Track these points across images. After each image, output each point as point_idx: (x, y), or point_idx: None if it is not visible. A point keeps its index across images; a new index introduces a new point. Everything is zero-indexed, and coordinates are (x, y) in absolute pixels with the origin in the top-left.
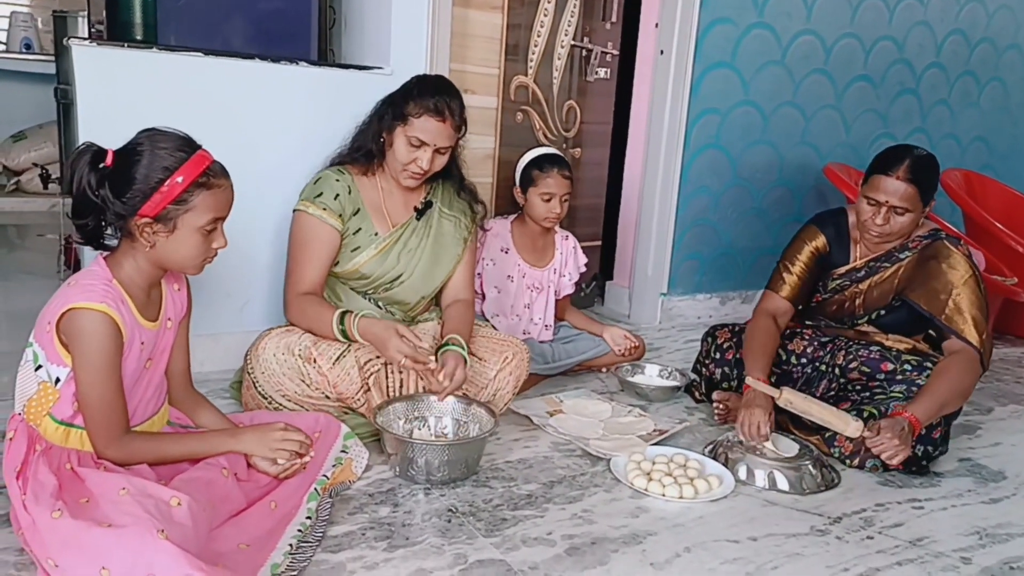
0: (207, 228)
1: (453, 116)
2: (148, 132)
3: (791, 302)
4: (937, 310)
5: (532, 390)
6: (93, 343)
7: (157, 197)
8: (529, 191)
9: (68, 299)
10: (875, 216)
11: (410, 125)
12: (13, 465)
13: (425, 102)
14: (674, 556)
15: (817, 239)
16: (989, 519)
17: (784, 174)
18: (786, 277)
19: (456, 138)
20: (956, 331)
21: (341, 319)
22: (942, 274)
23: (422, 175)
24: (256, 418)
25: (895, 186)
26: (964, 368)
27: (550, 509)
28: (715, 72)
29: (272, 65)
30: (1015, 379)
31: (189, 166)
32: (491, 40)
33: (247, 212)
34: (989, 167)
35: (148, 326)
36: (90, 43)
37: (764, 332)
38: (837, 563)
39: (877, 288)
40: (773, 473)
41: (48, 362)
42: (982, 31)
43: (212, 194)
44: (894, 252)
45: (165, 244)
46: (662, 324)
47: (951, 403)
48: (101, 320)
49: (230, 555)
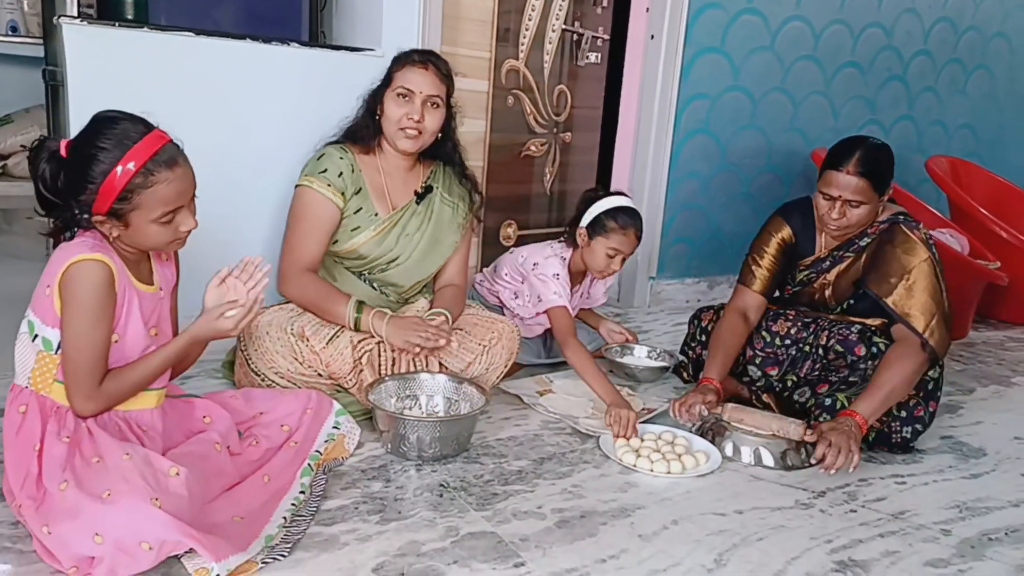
0: (162, 220)
1: (436, 66)
2: (98, 122)
3: (763, 294)
4: (885, 293)
5: (521, 371)
6: (89, 290)
7: (100, 198)
8: (597, 239)
9: (68, 256)
10: (831, 211)
11: (395, 81)
12: (32, 442)
13: (407, 57)
14: (661, 528)
15: (783, 230)
16: (969, 493)
17: (773, 159)
18: (756, 271)
19: (444, 91)
20: (901, 316)
21: (358, 308)
22: (896, 259)
23: (417, 132)
24: (248, 396)
25: (847, 180)
26: (907, 356)
27: (540, 484)
28: (705, 57)
29: (264, 46)
30: (997, 361)
31: (125, 161)
32: (482, 23)
33: (239, 192)
34: (975, 154)
35: (146, 289)
36: (81, 22)
37: (729, 331)
38: (821, 535)
39: (843, 278)
40: (759, 449)
41: (44, 325)
42: (969, 19)
43: (153, 192)
44: (855, 240)
45: (126, 235)
46: (651, 307)
47: (896, 393)
48: (98, 268)
49: (224, 526)
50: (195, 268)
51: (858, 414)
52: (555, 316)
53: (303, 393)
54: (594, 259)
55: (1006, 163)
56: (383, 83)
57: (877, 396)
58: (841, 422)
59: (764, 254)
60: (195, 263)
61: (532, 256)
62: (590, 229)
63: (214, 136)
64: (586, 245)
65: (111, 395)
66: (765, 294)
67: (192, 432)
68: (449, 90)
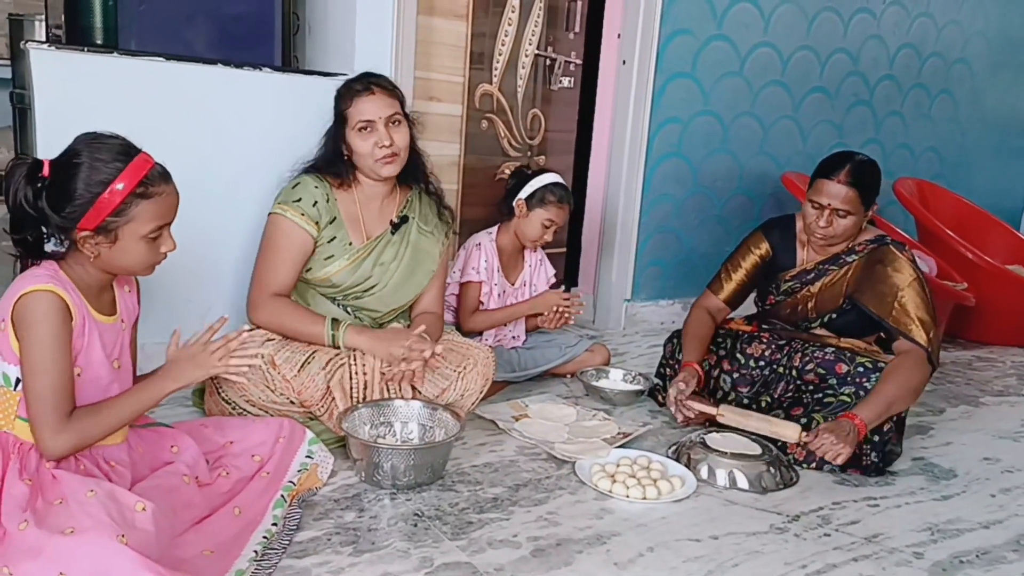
0: (151, 235)
1: (381, 86)
2: (86, 139)
3: (727, 304)
4: (885, 312)
5: (498, 395)
6: (43, 322)
7: (94, 211)
8: (535, 210)
9: (19, 289)
10: (819, 219)
11: (351, 118)
12: None
13: (349, 91)
14: (637, 556)
15: (761, 246)
16: (940, 515)
17: (744, 182)
18: (724, 282)
19: (398, 104)
20: (904, 332)
21: (334, 325)
22: (888, 277)
23: (393, 155)
24: (219, 424)
25: (836, 189)
26: (913, 367)
27: (516, 512)
28: (676, 82)
29: (235, 71)
30: (965, 381)
31: (126, 176)
32: (456, 48)
33: (209, 217)
34: (941, 176)
35: (106, 320)
36: (49, 47)
37: (699, 322)
38: (795, 560)
39: (828, 291)
40: (733, 472)
41: (3, 361)
42: (932, 45)
43: (152, 203)
44: (841, 255)
45: (109, 253)
46: (626, 330)
47: (900, 401)
48: (49, 299)
49: (193, 561)
50: (162, 293)
51: (858, 417)
52: (464, 291)
53: (275, 421)
54: (530, 228)
55: (971, 185)
56: (338, 122)
57: (879, 403)
58: (841, 423)
59: (739, 267)
60: (162, 288)
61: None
62: (528, 200)
63: (185, 161)
64: (524, 216)
65: (84, 432)
66: (729, 303)
67: (160, 463)
68: (402, 102)
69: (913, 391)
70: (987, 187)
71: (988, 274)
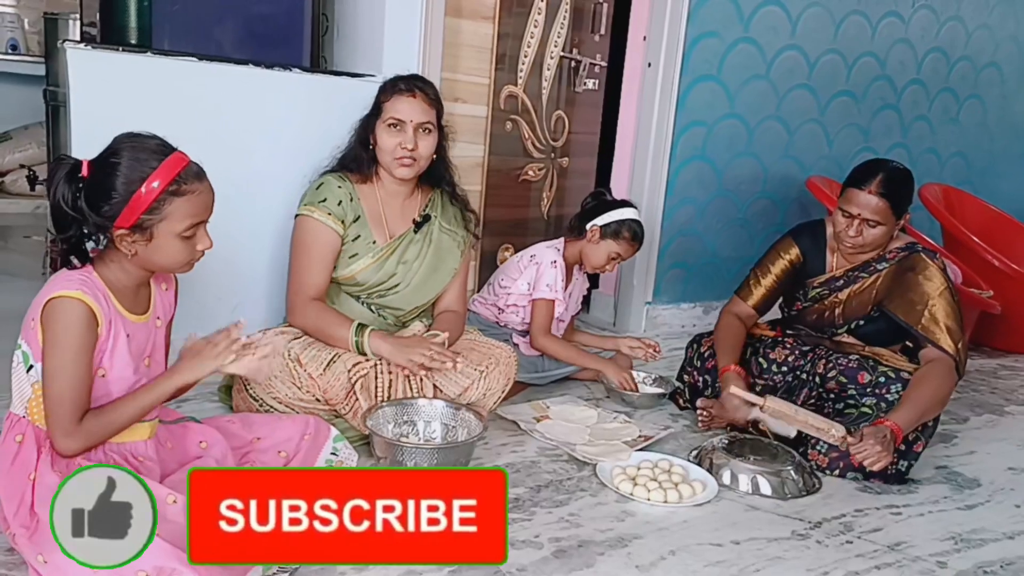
0: (186, 234)
1: (423, 91)
2: (125, 138)
3: (756, 310)
4: (914, 320)
5: (518, 396)
6: (67, 329)
7: (129, 209)
8: (608, 240)
9: (50, 291)
10: (849, 228)
11: (385, 111)
12: (27, 472)
13: (393, 86)
14: (659, 559)
15: (791, 251)
16: (964, 525)
17: (768, 186)
18: (754, 287)
19: (435, 115)
20: (933, 340)
21: (358, 331)
22: (918, 285)
23: (412, 160)
24: (246, 420)
25: (867, 200)
26: (941, 376)
27: (537, 513)
28: (701, 85)
29: (265, 71)
30: (990, 389)
31: (160, 174)
32: (482, 50)
33: (238, 217)
34: (967, 182)
35: (134, 319)
36: (85, 47)
37: (730, 328)
38: (817, 567)
39: (856, 298)
40: (756, 478)
41: (36, 361)
42: (961, 49)
43: (186, 200)
44: (872, 263)
45: (146, 251)
46: (647, 332)
47: (931, 410)
48: (75, 306)
49: None
50: (192, 291)
51: (893, 423)
52: (538, 308)
53: (301, 418)
54: (597, 256)
55: (998, 191)
56: (373, 113)
57: (914, 410)
58: (880, 429)
59: (768, 272)
60: (192, 285)
61: (530, 251)
62: (604, 228)
63: (214, 160)
64: (594, 241)
65: (92, 433)
66: (758, 310)
67: (188, 458)
68: (439, 113)
69: (941, 401)
70: (1015, 193)
71: (1015, 282)
